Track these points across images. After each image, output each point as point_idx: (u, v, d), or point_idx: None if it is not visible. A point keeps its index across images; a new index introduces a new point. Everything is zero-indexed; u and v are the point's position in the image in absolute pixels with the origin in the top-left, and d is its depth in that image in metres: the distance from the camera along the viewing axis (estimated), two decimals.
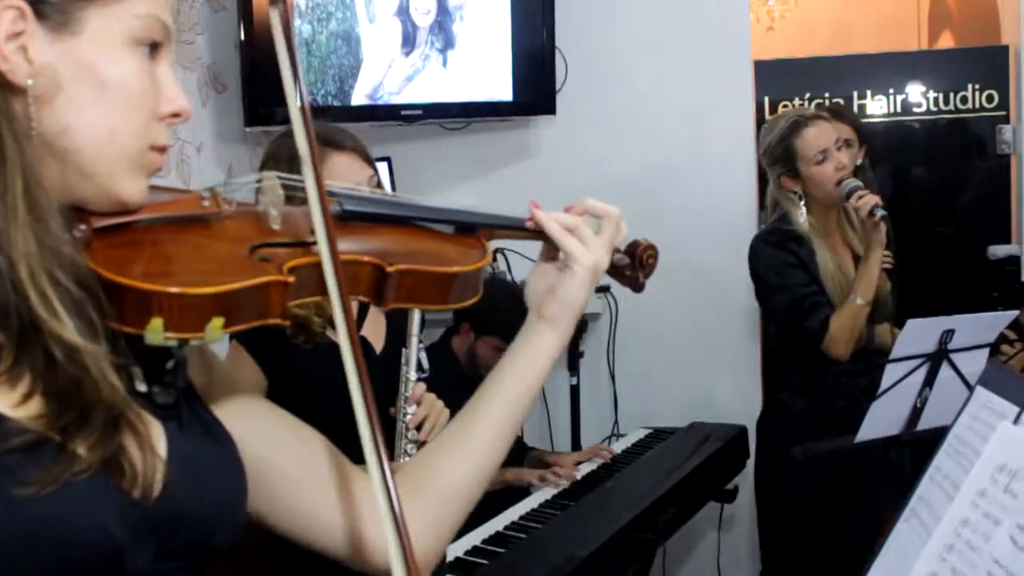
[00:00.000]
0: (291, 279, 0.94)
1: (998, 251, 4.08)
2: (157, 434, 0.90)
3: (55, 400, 0.83)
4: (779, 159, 2.94)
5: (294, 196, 1.03)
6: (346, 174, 1.95)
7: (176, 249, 0.94)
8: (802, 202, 2.91)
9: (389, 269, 1.04)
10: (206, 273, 0.90)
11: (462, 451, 1.14)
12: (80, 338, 0.83)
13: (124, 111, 0.91)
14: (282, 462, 1.06)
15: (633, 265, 1.30)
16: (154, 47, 0.94)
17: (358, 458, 1.15)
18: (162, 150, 0.96)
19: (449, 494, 1.13)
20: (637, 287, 1.33)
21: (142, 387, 0.91)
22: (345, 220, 1.06)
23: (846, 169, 2.86)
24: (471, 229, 1.19)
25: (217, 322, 0.88)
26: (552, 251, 1.21)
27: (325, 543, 1.09)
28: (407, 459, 1.77)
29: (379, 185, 2.03)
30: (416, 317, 1.53)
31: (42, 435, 0.81)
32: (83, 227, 0.89)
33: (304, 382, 1.90)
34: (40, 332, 0.83)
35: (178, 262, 0.92)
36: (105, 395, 0.84)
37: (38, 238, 0.83)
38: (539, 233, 1.20)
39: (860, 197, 2.78)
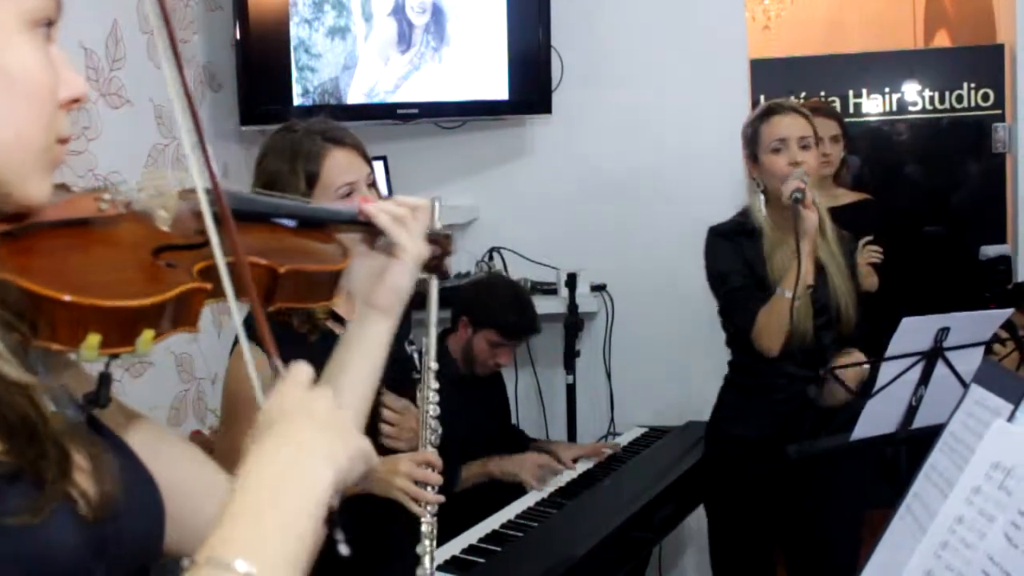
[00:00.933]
0: (207, 285, 0.92)
1: (989, 251, 4.08)
2: (85, 454, 0.83)
3: (9, 436, 0.76)
4: (746, 141, 2.91)
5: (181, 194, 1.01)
6: (346, 170, 1.95)
7: (86, 256, 0.88)
8: (762, 192, 2.88)
9: (281, 271, 1.03)
10: (131, 283, 0.86)
11: None
12: (24, 374, 0.77)
13: (30, 105, 0.81)
14: (177, 484, 0.98)
15: (440, 254, 1.34)
16: (48, 27, 0.83)
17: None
18: (65, 141, 0.86)
19: None
20: (444, 273, 1.38)
21: (51, 406, 0.83)
22: (217, 221, 1.00)
23: (803, 167, 2.77)
24: (320, 225, 1.20)
25: (148, 334, 0.84)
26: (373, 242, 1.24)
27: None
28: (431, 449, 1.76)
29: (375, 184, 2.04)
30: (434, 305, 1.52)
31: (17, 467, 0.76)
32: None
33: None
34: None
35: (99, 271, 0.86)
36: (52, 427, 0.79)
37: None
38: (367, 226, 1.23)
39: (788, 183, 2.72)
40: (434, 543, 1.70)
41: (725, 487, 3.01)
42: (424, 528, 1.70)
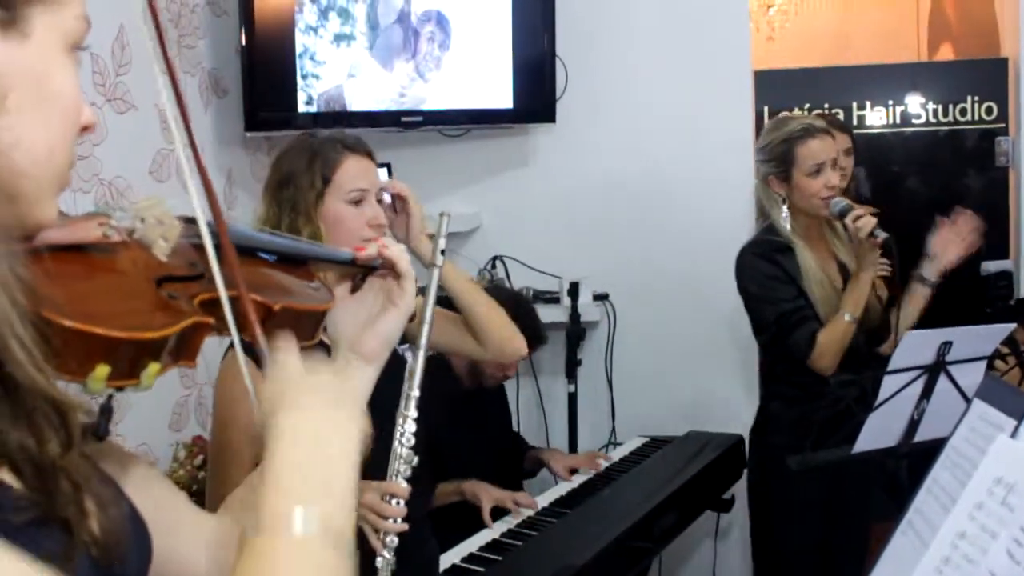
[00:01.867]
0: (211, 319, 0.90)
1: (991, 267, 4.08)
2: (91, 492, 0.79)
3: (31, 469, 0.73)
4: (775, 159, 2.91)
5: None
6: (359, 177, 2.01)
7: (96, 284, 0.86)
8: (785, 206, 2.90)
9: (275, 308, 1.00)
10: (141, 314, 0.83)
11: None
12: (60, 391, 0.73)
13: (64, 127, 0.82)
14: (156, 516, 0.95)
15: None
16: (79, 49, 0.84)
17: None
18: (72, 166, 0.86)
19: None
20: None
21: None
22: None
23: (836, 189, 2.85)
24: (302, 262, 1.16)
25: (154, 367, 0.81)
26: (359, 286, 1.21)
27: None
28: (400, 480, 1.74)
29: (382, 200, 2.10)
30: (425, 328, 1.52)
31: (46, 511, 0.73)
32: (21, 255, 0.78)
33: None
34: (11, 387, 0.71)
35: (106, 301, 0.83)
36: (69, 458, 0.76)
37: (7, 274, 0.71)
38: (355, 268, 1.20)
39: (857, 218, 2.77)
40: None
41: (771, 498, 3.03)
42: (379, 562, 1.68)
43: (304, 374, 0.89)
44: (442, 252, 1.68)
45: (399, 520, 1.74)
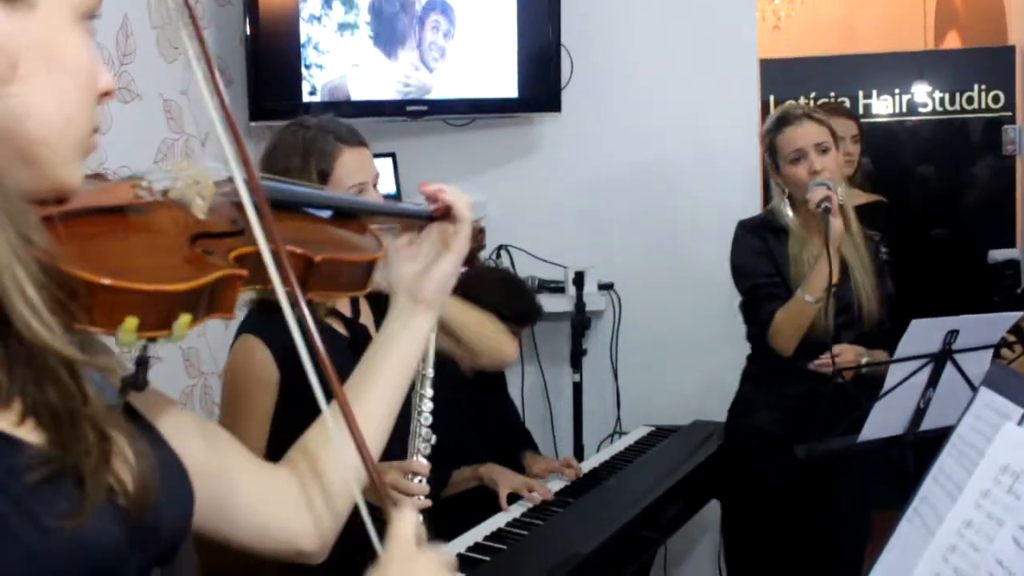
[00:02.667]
0: (243, 271, 0.92)
1: (998, 255, 4.07)
2: (126, 441, 0.83)
3: (51, 421, 0.77)
4: (767, 150, 2.93)
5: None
6: (357, 171, 1.99)
7: (127, 242, 0.89)
8: (786, 196, 2.90)
9: (316, 259, 1.04)
10: (170, 268, 0.87)
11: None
12: (72, 348, 0.77)
13: (79, 94, 0.84)
14: (205, 465, 1.00)
15: (474, 246, 1.35)
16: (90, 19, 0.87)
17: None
18: (96, 131, 0.88)
19: (338, 485, 1.11)
20: (474, 264, 1.40)
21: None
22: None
23: (823, 173, 2.78)
24: (352, 215, 1.20)
25: (185, 319, 0.84)
26: (409, 235, 1.24)
27: (239, 536, 1.07)
28: (421, 459, 1.77)
29: (376, 184, 2.06)
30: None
31: (60, 465, 0.76)
32: (36, 220, 0.81)
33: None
34: (24, 344, 0.75)
35: (138, 257, 0.87)
36: (93, 410, 0.79)
37: (17, 238, 0.74)
38: (409, 217, 1.24)
39: (813, 191, 2.73)
40: None
41: (737, 479, 3.04)
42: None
43: (414, 555, 0.89)
44: None
45: (422, 497, 1.75)
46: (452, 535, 2.53)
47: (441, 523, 2.60)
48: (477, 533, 2.58)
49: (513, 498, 2.81)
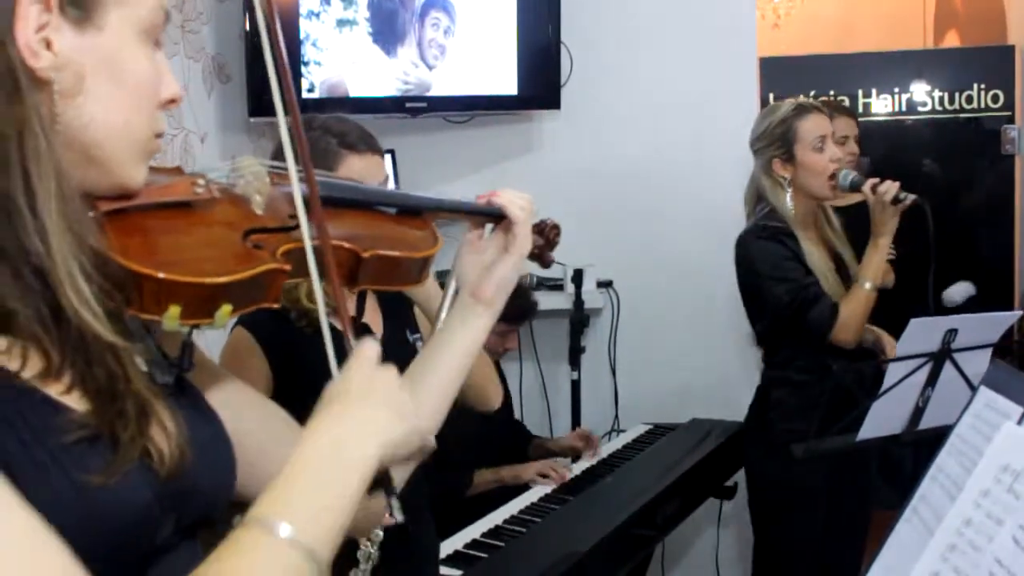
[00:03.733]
0: (288, 266, 0.98)
1: (955, 295, 3.86)
2: (168, 416, 0.92)
3: (96, 395, 0.86)
4: (776, 140, 2.89)
5: (274, 181, 1.07)
6: (363, 176, 1.96)
7: (179, 236, 0.96)
8: (789, 191, 2.88)
9: (365, 255, 1.10)
10: (215, 261, 0.93)
11: None
12: (116, 336, 0.86)
13: (139, 103, 0.93)
14: (255, 438, 1.10)
15: (544, 244, 1.40)
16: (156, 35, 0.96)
17: None
18: (160, 135, 0.97)
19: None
20: (547, 263, 1.43)
21: (143, 368, 0.94)
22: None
23: (840, 162, 2.86)
24: (417, 213, 1.24)
25: (226, 308, 0.91)
26: (479, 231, 1.30)
27: None
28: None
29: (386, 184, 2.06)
30: (448, 300, 1.53)
31: (97, 430, 0.85)
32: (93, 213, 0.90)
33: (313, 371, 1.90)
34: (80, 331, 0.85)
35: (186, 250, 0.94)
36: (135, 387, 0.89)
37: (72, 234, 0.84)
38: (474, 215, 1.28)
39: (877, 184, 2.79)
40: (368, 569, 1.69)
41: (778, 484, 2.99)
42: (360, 553, 1.68)
43: (373, 370, 0.98)
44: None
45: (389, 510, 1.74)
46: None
47: (467, 522, 2.62)
48: (474, 530, 2.58)
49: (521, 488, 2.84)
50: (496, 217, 1.27)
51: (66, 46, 0.87)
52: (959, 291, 3.86)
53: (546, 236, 1.38)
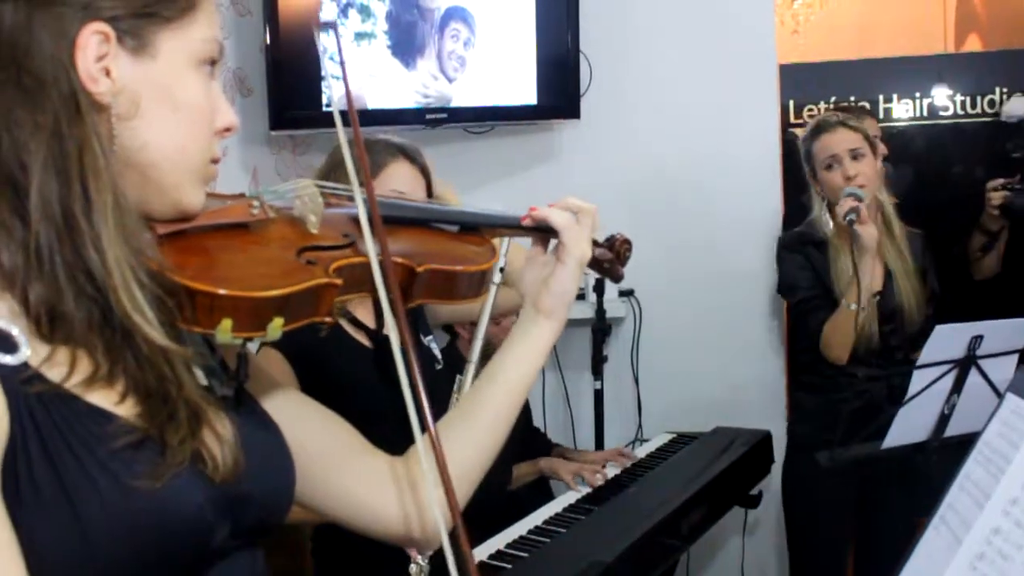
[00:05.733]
0: (339, 280, 1.02)
1: (1015, 108, 3.90)
2: (224, 424, 0.97)
3: (147, 400, 0.91)
4: (804, 159, 3.00)
5: (329, 202, 1.13)
6: (400, 181, 2.10)
7: (234, 254, 1.01)
8: (825, 204, 2.95)
9: (419, 269, 1.13)
10: (266, 277, 0.97)
11: (469, 439, 1.23)
12: (168, 341, 0.91)
13: (193, 128, 0.99)
14: (313, 446, 1.15)
15: (614, 258, 1.45)
16: (211, 64, 1.02)
17: (395, 452, 1.20)
18: (216, 161, 1.04)
19: (459, 478, 1.19)
20: (617, 277, 1.48)
21: (203, 381, 1.00)
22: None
23: (858, 179, 2.85)
24: (475, 229, 1.29)
25: (278, 321, 0.95)
26: (541, 246, 1.33)
27: (355, 519, 1.21)
28: None
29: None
30: (487, 309, 1.56)
31: (145, 433, 0.89)
32: (149, 235, 0.95)
33: (338, 382, 1.92)
34: (132, 336, 0.90)
35: (239, 267, 0.99)
36: (187, 393, 0.93)
37: (127, 244, 0.90)
38: (531, 229, 1.31)
39: (841, 204, 2.80)
40: None
41: (799, 490, 3.09)
42: (413, 569, 1.71)
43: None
44: (501, 270, 1.64)
45: None
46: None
47: (508, 515, 2.65)
48: (499, 540, 2.57)
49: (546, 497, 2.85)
50: (550, 230, 1.29)
51: (123, 73, 0.94)
52: (1018, 106, 3.92)
53: (616, 250, 1.41)
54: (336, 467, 1.18)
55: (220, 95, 1.04)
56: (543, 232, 1.31)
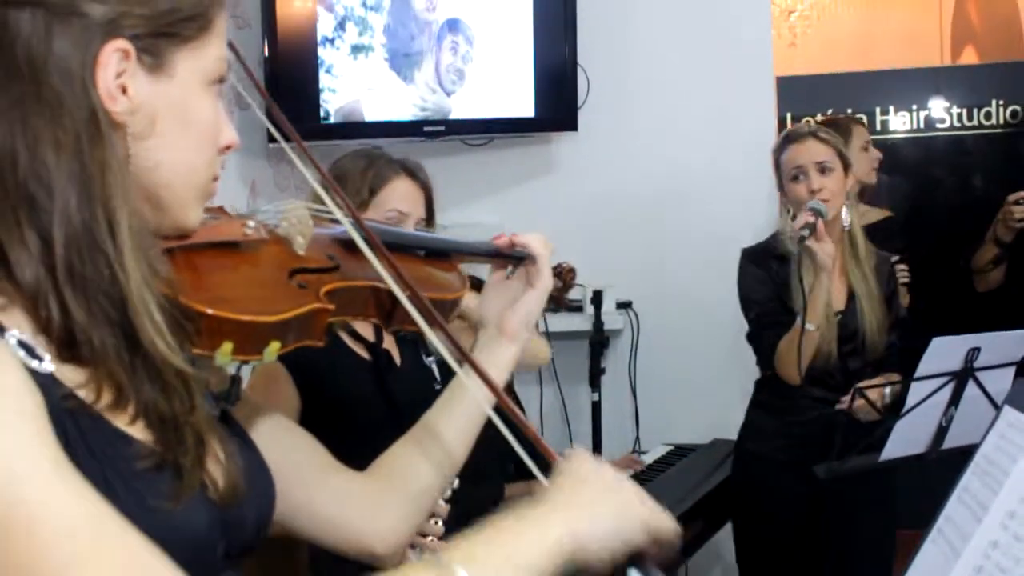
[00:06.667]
0: (332, 306, 1.03)
1: None
2: (219, 446, 0.97)
3: (159, 424, 0.90)
4: (774, 169, 2.93)
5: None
6: (402, 199, 2.09)
7: (228, 275, 1.01)
8: (790, 216, 2.84)
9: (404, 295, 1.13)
10: (266, 300, 0.98)
11: (432, 458, 1.25)
12: (186, 364, 0.91)
13: (201, 146, 0.99)
14: (285, 465, 1.14)
15: (561, 286, 1.47)
16: (220, 83, 1.02)
17: None
18: (216, 179, 1.03)
19: (418, 496, 1.26)
20: (562, 304, 1.50)
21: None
22: (350, 248, 1.12)
23: (822, 193, 2.74)
24: (445, 255, 1.30)
25: (275, 345, 0.96)
26: (503, 272, 1.34)
27: (322, 536, 1.21)
28: (439, 501, 1.79)
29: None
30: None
31: (161, 458, 0.90)
32: (164, 257, 0.94)
33: (341, 399, 1.92)
34: (151, 359, 0.89)
35: (237, 288, 0.99)
36: (196, 417, 0.93)
37: (146, 266, 0.90)
38: (502, 255, 1.32)
39: (799, 217, 2.70)
40: None
41: (748, 505, 3.01)
42: None
43: (592, 473, 1.06)
44: None
45: (435, 539, 1.76)
46: None
47: None
48: None
49: None
50: (517, 259, 1.32)
51: (140, 91, 0.93)
52: None
53: (563, 279, 1.44)
54: (304, 485, 1.18)
55: (223, 113, 1.03)
56: (510, 259, 1.33)
